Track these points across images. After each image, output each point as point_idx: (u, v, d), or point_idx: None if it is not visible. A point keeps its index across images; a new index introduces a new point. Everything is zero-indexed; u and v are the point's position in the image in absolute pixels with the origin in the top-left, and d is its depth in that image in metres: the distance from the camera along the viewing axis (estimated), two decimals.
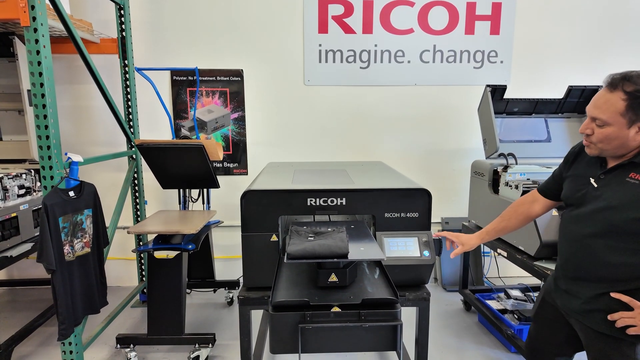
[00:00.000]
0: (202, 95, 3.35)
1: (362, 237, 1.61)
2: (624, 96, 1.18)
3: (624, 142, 1.23)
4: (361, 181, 2.06)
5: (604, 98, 1.23)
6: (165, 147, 2.55)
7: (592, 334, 1.37)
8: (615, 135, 1.22)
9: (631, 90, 1.18)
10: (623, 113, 1.19)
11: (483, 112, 2.85)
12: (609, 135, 1.23)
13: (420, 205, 1.84)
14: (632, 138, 1.22)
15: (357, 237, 1.60)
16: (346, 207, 1.82)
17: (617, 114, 1.20)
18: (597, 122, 1.25)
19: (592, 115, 1.26)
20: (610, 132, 1.22)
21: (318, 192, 1.81)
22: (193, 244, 2.51)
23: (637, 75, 1.19)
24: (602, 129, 1.24)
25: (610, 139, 1.23)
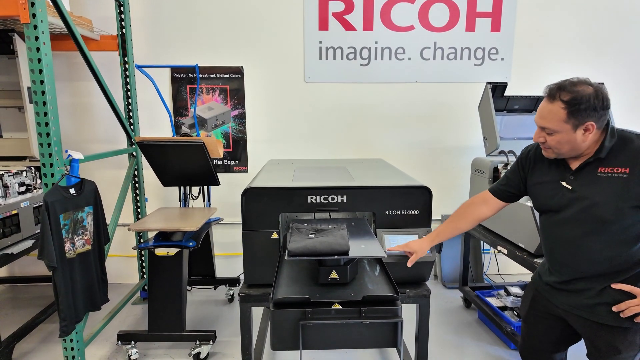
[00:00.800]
0: (202, 92, 3.34)
1: (363, 234, 1.61)
2: (563, 105, 1.28)
3: (575, 144, 1.32)
4: (361, 178, 2.06)
5: (547, 109, 1.33)
6: (165, 145, 2.55)
7: (597, 327, 1.40)
8: (566, 139, 1.32)
9: (568, 99, 1.28)
10: (566, 120, 1.29)
11: (483, 110, 2.85)
12: (560, 141, 1.33)
13: (420, 202, 1.84)
14: (581, 139, 1.31)
15: (358, 234, 1.61)
16: (347, 204, 1.82)
17: (561, 122, 1.30)
18: (547, 131, 1.34)
19: (541, 125, 1.36)
20: (560, 137, 1.32)
21: (319, 189, 1.81)
22: (194, 241, 2.52)
23: (570, 84, 1.30)
24: (552, 136, 1.34)
25: (561, 143, 1.33)
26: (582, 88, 1.28)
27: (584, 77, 1.33)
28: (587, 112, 1.27)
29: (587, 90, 1.28)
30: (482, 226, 2.86)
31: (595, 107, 1.27)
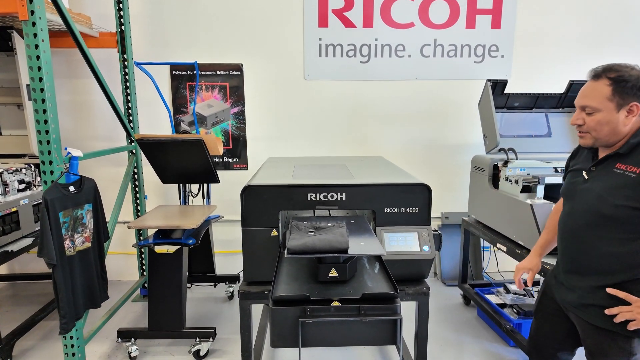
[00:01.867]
0: (202, 89, 3.34)
1: (362, 232, 1.61)
2: (609, 82, 1.26)
3: (615, 127, 1.28)
4: (361, 176, 2.06)
5: (590, 87, 1.30)
6: (165, 142, 2.55)
7: (588, 328, 1.39)
8: (607, 120, 1.27)
9: (614, 76, 1.25)
10: (610, 97, 1.25)
11: (483, 107, 2.84)
12: (600, 121, 1.28)
13: (420, 200, 1.84)
14: (622, 122, 1.27)
15: (357, 232, 1.61)
16: (346, 202, 1.82)
17: (605, 99, 1.26)
18: (587, 110, 1.30)
19: (582, 104, 1.32)
20: (601, 117, 1.28)
21: (318, 187, 1.81)
22: (193, 239, 2.52)
23: (617, 65, 1.28)
24: (592, 116, 1.29)
25: (601, 124, 1.28)
26: (630, 69, 1.27)
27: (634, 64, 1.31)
28: (634, 91, 1.24)
29: (635, 71, 1.26)
30: (482, 224, 2.87)
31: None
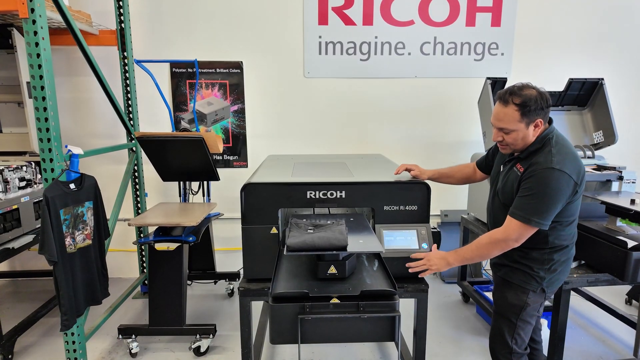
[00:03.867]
0: (202, 87, 3.34)
1: (361, 229, 1.62)
2: (516, 107, 1.53)
3: (526, 139, 1.58)
4: (360, 174, 2.07)
5: (502, 112, 1.56)
6: (165, 140, 2.56)
7: (497, 281, 1.79)
8: (520, 136, 1.57)
9: (519, 102, 1.52)
10: (520, 119, 1.54)
11: (483, 105, 2.85)
12: (516, 138, 1.58)
13: (419, 198, 1.85)
14: (533, 134, 1.57)
15: (356, 229, 1.62)
16: (345, 200, 1.83)
17: (516, 122, 1.54)
18: (505, 131, 1.58)
19: (499, 127, 1.59)
20: (515, 135, 1.57)
21: (318, 185, 1.82)
22: (193, 236, 2.53)
23: (518, 88, 1.54)
24: (509, 134, 1.58)
25: (517, 140, 1.58)
26: (529, 92, 1.52)
27: (526, 82, 1.57)
28: (536, 111, 1.52)
29: (532, 92, 1.52)
30: (481, 222, 2.88)
31: (542, 106, 1.52)
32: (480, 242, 1.62)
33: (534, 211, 1.50)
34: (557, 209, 1.51)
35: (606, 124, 2.82)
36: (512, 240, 1.57)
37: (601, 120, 2.87)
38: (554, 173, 1.47)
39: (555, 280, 1.67)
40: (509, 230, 1.56)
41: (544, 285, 1.64)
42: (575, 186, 1.52)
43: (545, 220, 1.51)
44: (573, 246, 1.70)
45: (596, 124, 2.91)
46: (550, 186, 1.47)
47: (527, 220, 1.51)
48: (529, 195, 1.52)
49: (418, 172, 1.94)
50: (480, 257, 1.64)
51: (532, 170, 1.53)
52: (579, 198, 1.59)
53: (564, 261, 1.66)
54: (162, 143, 2.59)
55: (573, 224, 1.65)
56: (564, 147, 1.55)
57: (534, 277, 1.64)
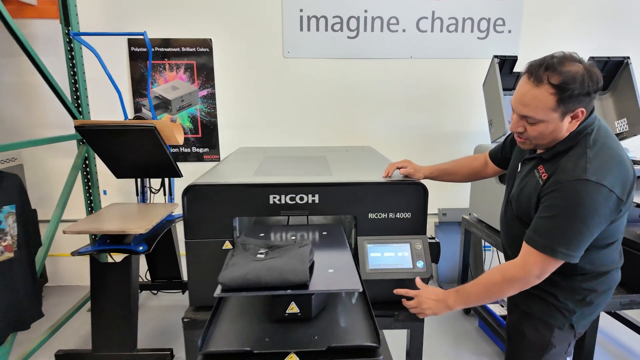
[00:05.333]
0: (165, 69, 2.90)
1: (336, 249, 1.22)
2: (552, 90, 1.08)
3: (558, 134, 1.15)
4: (341, 172, 1.66)
5: (530, 94, 1.11)
6: (110, 130, 2.13)
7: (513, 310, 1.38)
8: (550, 130, 1.14)
9: (558, 82, 1.07)
10: (554, 108, 1.09)
11: (489, 88, 2.44)
12: (543, 132, 1.14)
13: (413, 203, 1.45)
14: (567, 128, 1.15)
15: (329, 249, 1.22)
16: (319, 205, 1.42)
17: (549, 110, 1.10)
18: (530, 120, 1.14)
19: (523, 114, 1.15)
20: (544, 128, 1.14)
21: (282, 186, 1.41)
22: (145, 245, 2.12)
23: (558, 62, 1.08)
24: (534, 126, 1.14)
25: (544, 134, 1.15)
26: (573, 67, 1.07)
27: (569, 52, 1.11)
28: (579, 97, 1.08)
29: (578, 69, 1.07)
30: (485, 224, 2.49)
31: (589, 90, 1.07)
32: (490, 280, 1.20)
33: (561, 239, 1.09)
34: (592, 235, 1.10)
35: (631, 110, 2.42)
36: (533, 277, 1.15)
37: (625, 106, 2.47)
38: (588, 187, 1.05)
39: (589, 314, 1.26)
40: (528, 266, 1.15)
41: (573, 320, 1.24)
42: (619, 203, 1.09)
43: (575, 252, 1.10)
44: (617, 271, 1.28)
45: (619, 111, 2.51)
46: (583, 205, 1.06)
47: (551, 251, 1.10)
48: (553, 216, 1.10)
49: (411, 169, 1.49)
50: (489, 299, 1.22)
51: (558, 181, 1.10)
52: (624, 216, 1.17)
53: (603, 292, 1.24)
54: (107, 133, 2.16)
55: (614, 245, 1.22)
56: (605, 149, 1.12)
57: (560, 309, 1.24)
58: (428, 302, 1.26)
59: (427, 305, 1.26)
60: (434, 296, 1.26)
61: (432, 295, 1.26)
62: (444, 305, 1.24)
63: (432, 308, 1.25)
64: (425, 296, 1.26)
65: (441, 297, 1.26)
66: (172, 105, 2.94)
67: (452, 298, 1.25)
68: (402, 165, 1.51)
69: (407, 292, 1.30)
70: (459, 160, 1.63)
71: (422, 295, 1.27)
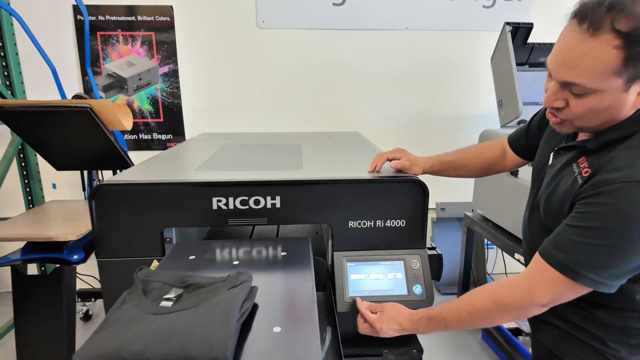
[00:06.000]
0: (119, 42, 2.47)
1: (297, 280, 0.84)
2: (618, 41, 0.69)
3: (617, 114, 0.77)
4: (316, 165, 1.29)
5: (580, 49, 0.73)
6: (34, 111, 1.72)
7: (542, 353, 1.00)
8: (605, 105, 0.76)
9: (628, 29, 0.68)
10: (618, 70, 0.71)
11: (499, 62, 2.06)
12: (594, 108, 0.76)
13: (409, 206, 1.08)
14: (632, 105, 0.76)
15: (286, 281, 0.84)
16: (282, 211, 1.05)
17: (609, 75, 0.72)
18: (575, 89, 0.76)
19: (565, 80, 0.76)
20: (596, 101, 0.75)
21: (230, 186, 1.03)
22: (82, 253, 1.73)
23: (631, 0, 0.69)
24: (582, 99, 0.77)
25: (596, 112, 0.77)
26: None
27: None
28: None
29: None
30: (492, 222, 2.13)
31: None
32: (477, 307, 0.87)
33: (593, 261, 0.75)
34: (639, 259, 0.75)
35: None
36: (537, 307, 0.82)
37: None
38: None
39: None
40: (534, 289, 0.81)
41: None
42: None
43: (613, 281, 0.76)
44: None
45: None
46: (637, 219, 0.71)
47: (573, 273, 0.76)
48: (587, 228, 0.75)
49: (406, 161, 1.12)
50: (471, 326, 0.91)
51: (605, 182, 0.75)
52: None
53: None
54: (32, 116, 1.75)
55: None
56: None
57: (606, 356, 0.88)
58: (388, 331, 0.96)
59: (382, 321, 0.96)
60: (396, 324, 0.96)
61: (392, 322, 0.96)
62: (398, 327, 0.96)
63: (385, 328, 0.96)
64: (385, 322, 0.96)
65: (406, 327, 0.95)
66: (128, 85, 2.52)
67: (423, 326, 0.94)
68: (394, 156, 1.13)
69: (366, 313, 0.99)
70: (467, 149, 1.25)
71: (381, 320, 0.96)
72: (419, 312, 0.96)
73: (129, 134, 2.57)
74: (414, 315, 0.96)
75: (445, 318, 0.91)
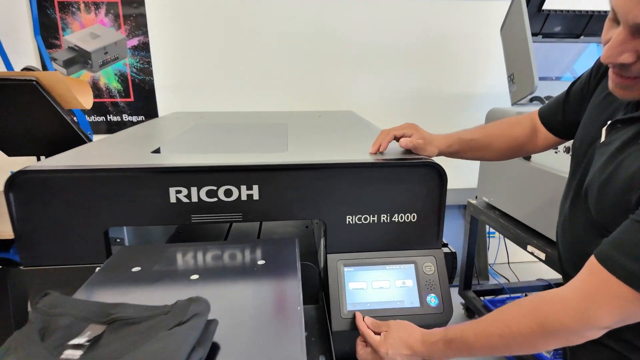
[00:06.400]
0: (80, 10, 2.17)
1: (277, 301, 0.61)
2: None
3: None
4: (304, 147, 1.05)
5: None
6: None
7: None
8: None
9: None
10: None
11: (511, 32, 1.83)
12: None
13: (422, 196, 0.86)
14: None
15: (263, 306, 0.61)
16: (261, 204, 0.82)
17: None
18: None
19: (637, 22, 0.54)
20: None
21: (192, 172, 0.79)
22: None
23: None
24: None
25: None
26: None
27: None
28: None
29: None
30: (499, 211, 1.93)
31: None
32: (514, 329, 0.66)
33: None
34: None
35: None
36: (595, 329, 0.62)
37: None
38: None
39: None
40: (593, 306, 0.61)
41: None
42: None
43: None
44: None
45: None
46: None
47: None
48: None
49: (419, 139, 0.89)
50: (504, 352, 0.69)
51: None
52: None
53: None
54: None
55: None
56: None
57: None
58: (396, 358, 0.74)
59: (385, 349, 0.75)
60: (406, 348, 0.74)
61: (401, 345, 0.74)
62: (409, 352, 0.74)
63: (392, 355, 0.74)
64: (391, 346, 0.74)
65: (419, 351, 0.73)
66: (92, 60, 2.23)
67: (440, 350, 0.72)
68: (403, 132, 0.90)
69: (368, 334, 0.78)
70: (490, 126, 1.02)
71: (387, 342, 0.75)
72: (435, 333, 0.74)
73: (94, 116, 2.30)
74: (429, 336, 0.74)
75: (469, 341, 0.69)
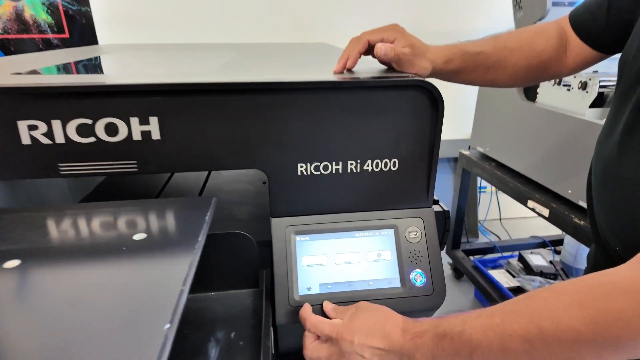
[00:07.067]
0: None
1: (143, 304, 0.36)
2: None
3: None
4: (243, 69, 0.76)
5: None
6: None
7: None
8: None
9: None
10: None
11: None
12: None
13: (407, 133, 0.59)
14: None
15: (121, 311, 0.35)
16: (166, 147, 0.54)
17: None
18: None
19: None
20: None
21: (55, 97, 0.50)
22: None
23: None
24: None
25: None
26: None
27: None
28: None
29: None
30: (497, 162, 1.70)
31: None
32: (544, 321, 0.39)
33: None
34: None
35: None
36: None
37: None
38: None
39: None
40: None
41: None
42: None
43: None
44: None
45: None
46: None
47: None
48: None
49: (406, 48, 0.60)
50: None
51: None
52: None
53: None
54: None
55: None
56: None
57: None
58: (365, 351, 0.48)
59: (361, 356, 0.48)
60: (380, 338, 0.48)
61: (373, 334, 0.49)
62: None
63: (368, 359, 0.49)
64: (358, 333, 0.49)
65: (398, 342, 0.47)
66: None
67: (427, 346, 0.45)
68: (382, 36, 0.61)
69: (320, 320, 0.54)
70: (505, 36, 0.72)
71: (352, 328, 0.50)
72: (422, 322, 0.50)
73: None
74: (414, 325, 0.49)
75: (472, 341, 0.43)
